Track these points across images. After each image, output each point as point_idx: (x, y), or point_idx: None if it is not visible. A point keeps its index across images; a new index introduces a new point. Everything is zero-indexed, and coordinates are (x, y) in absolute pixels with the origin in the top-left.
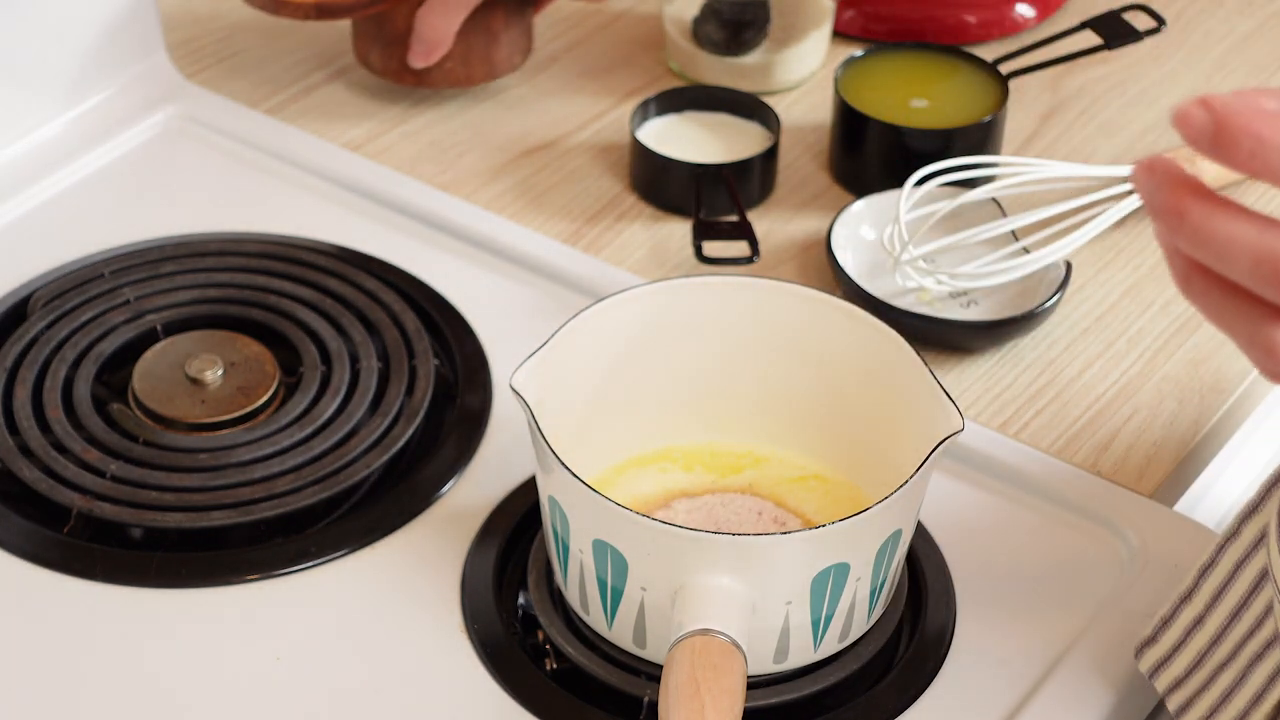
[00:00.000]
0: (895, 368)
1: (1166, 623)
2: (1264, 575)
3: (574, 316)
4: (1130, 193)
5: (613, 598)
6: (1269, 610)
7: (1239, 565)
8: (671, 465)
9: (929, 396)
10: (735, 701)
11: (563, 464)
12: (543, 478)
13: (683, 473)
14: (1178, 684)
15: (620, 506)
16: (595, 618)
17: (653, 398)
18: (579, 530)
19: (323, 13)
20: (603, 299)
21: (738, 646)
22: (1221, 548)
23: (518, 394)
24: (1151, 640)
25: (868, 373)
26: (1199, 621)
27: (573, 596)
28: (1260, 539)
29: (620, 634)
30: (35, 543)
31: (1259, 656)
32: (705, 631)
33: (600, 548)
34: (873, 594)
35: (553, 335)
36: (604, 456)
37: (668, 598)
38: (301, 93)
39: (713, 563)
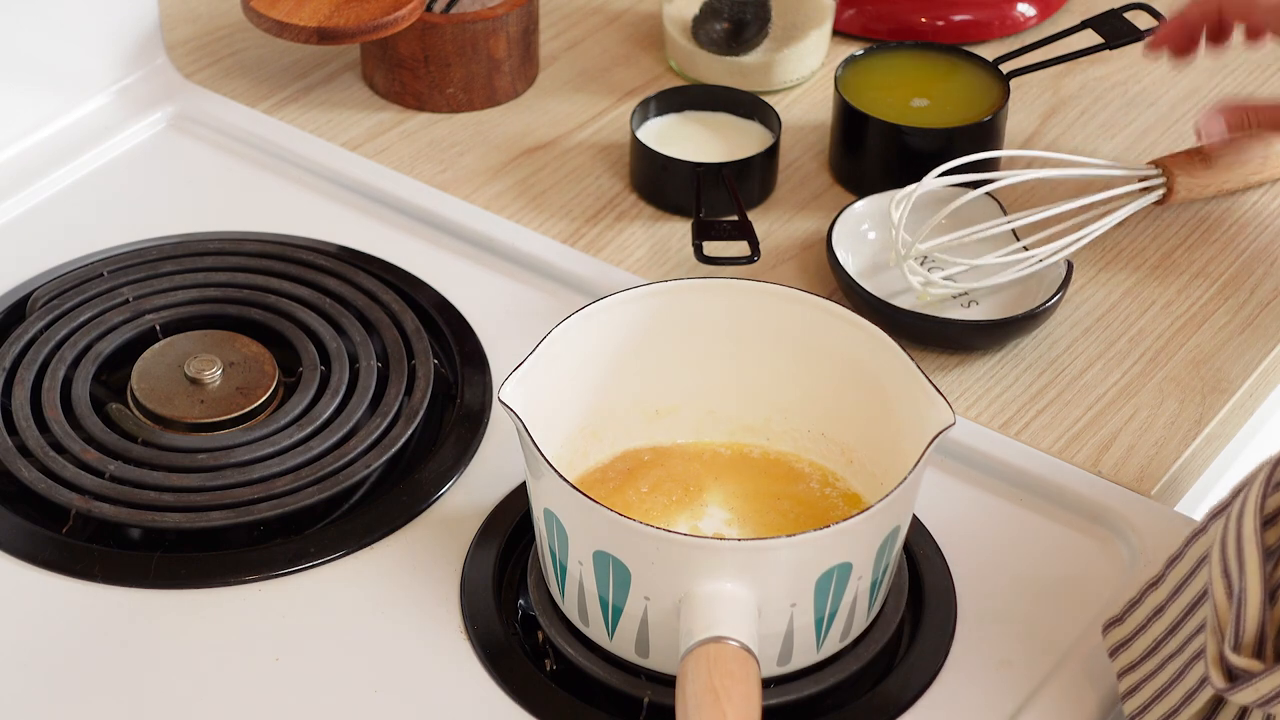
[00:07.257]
0: (884, 366)
1: (1133, 605)
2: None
3: (557, 325)
4: (1136, 193)
5: (614, 612)
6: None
7: (1200, 562)
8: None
9: (919, 393)
10: (755, 707)
11: (560, 476)
12: (537, 490)
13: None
14: (1131, 667)
15: (622, 516)
16: (596, 630)
17: (642, 401)
18: (578, 543)
19: (324, 37)
20: (583, 306)
21: (751, 651)
22: (1189, 541)
23: (507, 407)
24: (1118, 620)
25: (858, 372)
26: (1160, 610)
27: (570, 610)
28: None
29: (622, 645)
30: (34, 543)
31: (1198, 655)
32: (718, 639)
33: (601, 559)
34: (872, 591)
35: (537, 345)
36: (594, 462)
37: (672, 606)
38: (301, 92)
39: (718, 568)
